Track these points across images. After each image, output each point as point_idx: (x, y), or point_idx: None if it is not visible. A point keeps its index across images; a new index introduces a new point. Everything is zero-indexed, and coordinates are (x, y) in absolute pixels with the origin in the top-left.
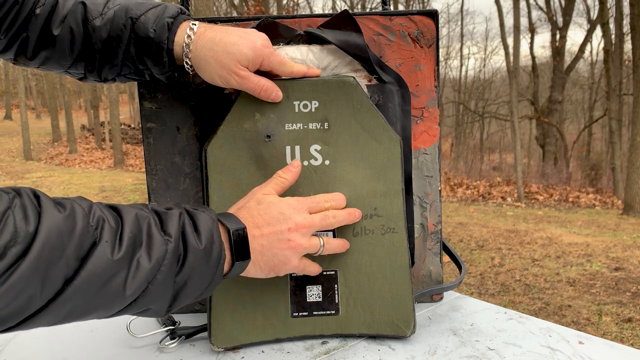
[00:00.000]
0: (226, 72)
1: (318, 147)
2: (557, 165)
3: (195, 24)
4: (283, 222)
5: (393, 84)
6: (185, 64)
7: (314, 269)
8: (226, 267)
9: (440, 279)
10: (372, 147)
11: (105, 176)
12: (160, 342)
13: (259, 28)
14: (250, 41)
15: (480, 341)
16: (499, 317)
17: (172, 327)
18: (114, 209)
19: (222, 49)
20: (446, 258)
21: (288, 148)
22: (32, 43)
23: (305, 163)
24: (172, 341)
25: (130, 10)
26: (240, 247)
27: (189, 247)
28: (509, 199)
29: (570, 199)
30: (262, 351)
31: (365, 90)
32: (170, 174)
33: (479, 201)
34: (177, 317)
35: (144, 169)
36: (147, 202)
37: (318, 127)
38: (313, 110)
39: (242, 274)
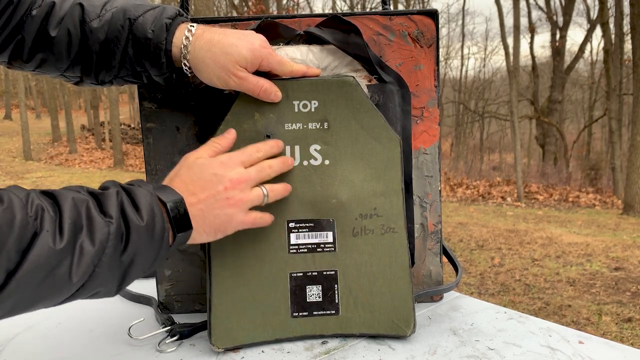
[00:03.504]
0: (225, 73)
1: (318, 147)
2: (557, 165)
3: (193, 26)
4: (218, 183)
5: (393, 84)
6: (183, 66)
7: (267, 218)
8: (170, 239)
9: (440, 279)
10: (372, 147)
11: (105, 176)
12: (160, 342)
13: (258, 29)
14: (248, 42)
15: (480, 341)
16: (499, 317)
17: (172, 327)
18: (50, 195)
19: (220, 50)
20: (446, 258)
21: (288, 148)
22: (27, 45)
23: (305, 163)
24: (173, 338)
25: (128, 11)
26: (180, 219)
27: (131, 225)
28: (508, 199)
29: (570, 199)
30: (262, 351)
31: (366, 90)
32: None
33: (478, 201)
34: (176, 318)
35: (144, 169)
36: None
37: (318, 127)
38: (313, 110)
39: (188, 242)
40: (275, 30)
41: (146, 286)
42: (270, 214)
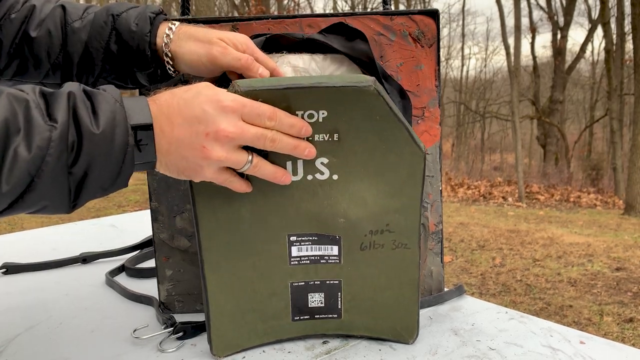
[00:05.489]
0: (207, 45)
1: (325, 161)
2: (558, 165)
3: (174, 23)
4: (203, 122)
5: (395, 94)
6: (164, 57)
7: (238, 185)
8: (134, 158)
9: (442, 279)
10: (391, 162)
11: None
12: (161, 342)
13: (266, 40)
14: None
15: (481, 341)
16: (500, 317)
17: (174, 326)
18: None
19: (202, 33)
20: (447, 258)
21: (289, 164)
22: (5, 49)
23: (310, 177)
24: (175, 336)
25: (111, 9)
26: (143, 144)
27: (84, 132)
28: (510, 199)
29: (572, 199)
30: (263, 351)
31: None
32: None
33: (480, 201)
34: (177, 318)
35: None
36: (149, 203)
37: (326, 138)
38: (320, 120)
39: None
40: (280, 40)
41: (147, 286)
42: (247, 182)
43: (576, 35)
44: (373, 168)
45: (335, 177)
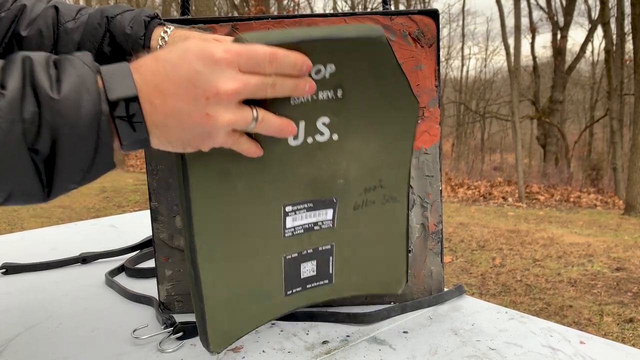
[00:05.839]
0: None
1: (326, 120)
2: (558, 166)
3: (169, 27)
4: (198, 85)
5: None
6: None
7: (247, 147)
8: (114, 137)
9: (441, 279)
10: (388, 115)
11: (106, 177)
12: (161, 342)
13: None
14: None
15: (481, 341)
16: (500, 317)
17: (174, 326)
18: None
19: (197, 35)
20: (447, 258)
21: None
22: None
23: (310, 140)
24: (175, 336)
25: (106, 10)
26: (129, 121)
27: (42, 99)
28: (510, 199)
29: (572, 199)
30: (263, 351)
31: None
32: (171, 173)
33: (480, 201)
34: (177, 318)
35: (144, 170)
36: (149, 203)
37: (330, 96)
38: (327, 76)
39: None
40: None
41: (147, 286)
42: (256, 143)
43: (576, 35)
44: (372, 123)
45: (335, 137)
